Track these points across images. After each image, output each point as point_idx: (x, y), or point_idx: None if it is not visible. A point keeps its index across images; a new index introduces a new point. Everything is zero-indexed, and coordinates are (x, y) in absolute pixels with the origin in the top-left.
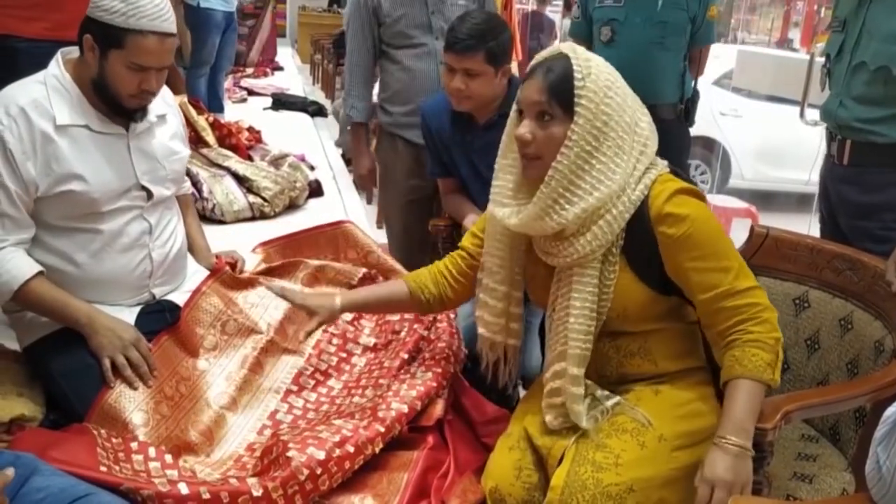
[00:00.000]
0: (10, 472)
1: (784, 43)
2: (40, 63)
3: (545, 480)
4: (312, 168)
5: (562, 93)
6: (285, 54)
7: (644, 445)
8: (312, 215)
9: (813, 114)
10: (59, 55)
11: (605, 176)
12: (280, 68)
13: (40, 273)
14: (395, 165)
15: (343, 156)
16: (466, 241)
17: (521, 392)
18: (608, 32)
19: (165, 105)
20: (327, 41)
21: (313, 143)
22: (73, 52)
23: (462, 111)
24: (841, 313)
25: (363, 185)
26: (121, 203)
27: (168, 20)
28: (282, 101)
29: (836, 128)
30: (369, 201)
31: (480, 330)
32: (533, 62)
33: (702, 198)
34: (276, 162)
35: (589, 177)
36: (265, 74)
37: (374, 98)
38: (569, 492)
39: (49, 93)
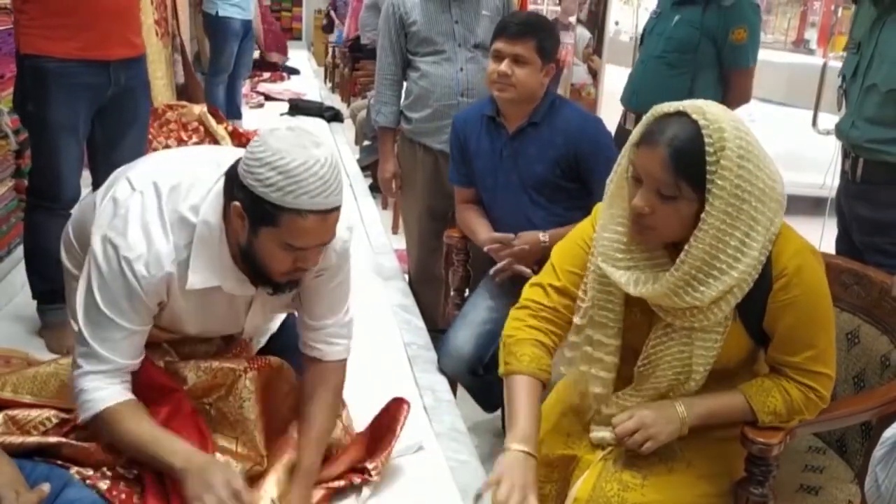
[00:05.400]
0: (47, 487)
1: (801, 44)
2: (70, 83)
3: (556, 492)
4: None
5: (691, 171)
6: (301, 57)
7: (672, 470)
8: None
9: (825, 121)
10: (221, 194)
11: (741, 253)
12: (296, 71)
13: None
14: (415, 173)
15: (358, 162)
16: (567, 281)
17: None
18: (640, 42)
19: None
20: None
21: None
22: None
23: (494, 117)
24: (848, 327)
25: (386, 188)
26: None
27: (334, 193)
28: (298, 107)
29: (850, 146)
30: (385, 206)
31: (597, 389)
32: (648, 121)
33: (819, 259)
34: None
35: (724, 255)
36: (282, 79)
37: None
38: None
39: (194, 250)
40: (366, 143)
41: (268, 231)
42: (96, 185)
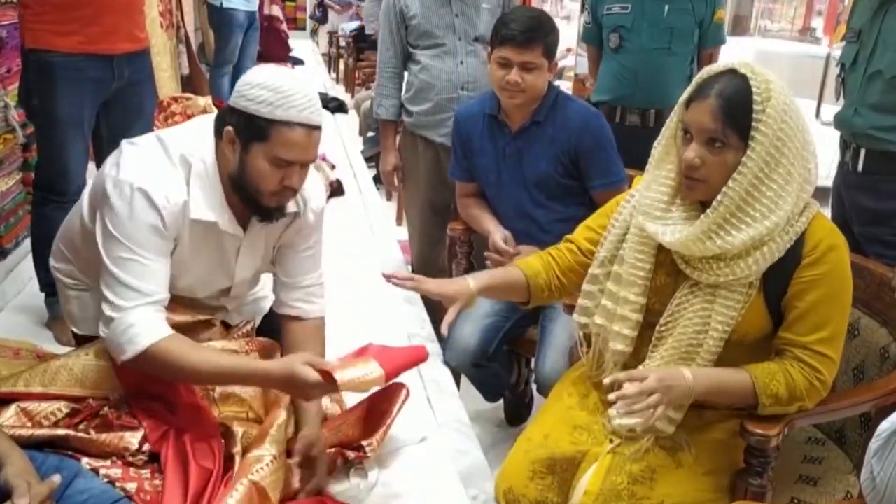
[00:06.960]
0: (57, 478)
1: (807, 32)
2: (75, 77)
3: (558, 483)
4: (333, 167)
5: (738, 120)
6: (304, 47)
7: (680, 464)
8: (334, 214)
9: (828, 112)
10: (213, 137)
11: (775, 204)
12: (300, 62)
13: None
14: (417, 165)
15: (362, 153)
16: (580, 235)
17: (534, 387)
18: (616, 39)
19: (299, 203)
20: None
21: (334, 141)
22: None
23: (496, 115)
24: (848, 319)
25: (388, 181)
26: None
27: (316, 112)
28: None
29: (851, 136)
30: (389, 198)
31: (618, 346)
32: (701, 79)
33: (847, 245)
34: None
35: (759, 204)
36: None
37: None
38: (603, 499)
39: (192, 185)
40: (370, 134)
41: (259, 147)
42: None
